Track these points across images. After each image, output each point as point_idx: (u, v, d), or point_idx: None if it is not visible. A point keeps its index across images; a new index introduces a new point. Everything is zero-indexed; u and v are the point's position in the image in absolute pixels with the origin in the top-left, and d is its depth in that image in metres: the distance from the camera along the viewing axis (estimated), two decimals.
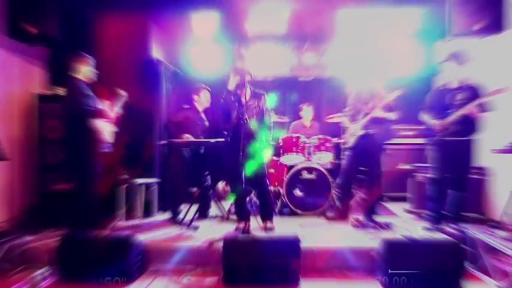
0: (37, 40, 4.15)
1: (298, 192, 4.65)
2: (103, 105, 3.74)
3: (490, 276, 2.97)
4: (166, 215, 4.51)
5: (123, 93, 3.89)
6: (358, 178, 4.13)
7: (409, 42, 5.33)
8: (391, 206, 5.09)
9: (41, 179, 4.36)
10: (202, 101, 4.51)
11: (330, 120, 5.02)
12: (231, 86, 3.69)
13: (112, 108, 3.81)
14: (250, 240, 3.06)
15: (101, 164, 3.76)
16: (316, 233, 3.75)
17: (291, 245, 2.94)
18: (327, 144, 4.83)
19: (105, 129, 3.76)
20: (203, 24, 5.23)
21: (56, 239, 3.11)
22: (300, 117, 5.50)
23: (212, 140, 4.16)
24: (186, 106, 4.58)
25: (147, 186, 4.60)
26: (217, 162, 4.86)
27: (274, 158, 4.91)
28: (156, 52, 5.01)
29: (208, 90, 4.54)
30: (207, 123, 4.57)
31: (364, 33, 5.22)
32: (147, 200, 4.59)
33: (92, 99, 3.62)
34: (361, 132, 3.94)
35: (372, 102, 3.90)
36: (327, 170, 4.73)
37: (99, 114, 3.66)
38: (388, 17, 5.07)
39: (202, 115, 4.58)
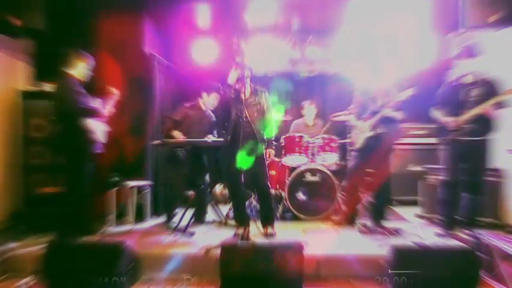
0: (21, 33, 4.15)
1: (301, 196, 4.65)
2: (95, 103, 3.75)
3: (506, 285, 2.97)
4: (160, 220, 4.52)
5: (115, 91, 3.90)
6: (366, 181, 4.13)
7: (420, 35, 5.33)
8: (401, 210, 5.09)
9: (25, 181, 4.36)
10: (209, 102, 4.48)
11: (335, 119, 5.03)
12: (232, 79, 3.69)
13: (104, 107, 3.82)
14: (249, 247, 3.05)
15: (91, 165, 3.76)
16: (320, 239, 3.75)
17: (294, 252, 2.93)
18: (332, 144, 4.84)
19: (97, 128, 3.77)
20: (200, 15, 5.22)
21: (42, 246, 3.10)
22: (302, 116, 5.49)
23: (209, 140, 4.16)
24: (188, 103, 4.55)
25: (140, 189, 4.60)
26: (215, 163, 4.86)
27: (276, 158, 4.91)
28: (150, 46, 5.01)
29: (220, 93, 4.34)
30: (212, 122, 4.56)
31: (372, 26, 5.22)
32: (139, 203, 4.60)
33: (84, 97, 3.63)
34: (370, 133, 3.94)
35: (381, 100, 3.90)
36: (332, 171, 4.73)
37: (92, 113, 3.67)
38: (398, 8, 5.07)
39: (208, 113, 4.56)
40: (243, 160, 3.58)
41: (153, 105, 4.93)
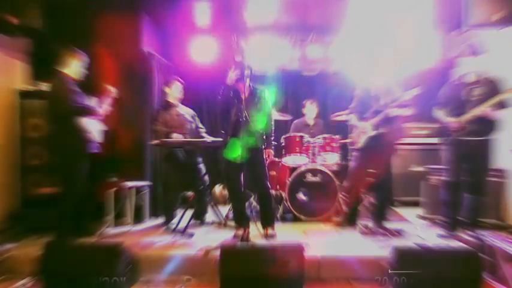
0: (18, 31, 4.15)
1: (301, 196, 4.65)
2: (91, 102, 3.75)
3: (509, 286, 2.97)
4: (159, 221, 4.52)
5: (112, 89, 3.90)
6: (367, 181, 4.14)
7: (422, 33, 5.33)
8: (403, 211, 5.10)
9: (22, 182, 4.36)
10: (174, 93, 4.48)
11: (337, 118, 5.03)
12: (230, 80, 3.69)
13: (101, 105, 3.82)
14: (249, 249, 3.06)
15: (88, 165, 3.76)
16: (321, 241, 3.75)
17: (294, 253, 2.94)
18: (333, 144, 4.84)
19: (94, 128, 3.77)
20: (199, 14, 5.22)
21: (39, 247, 3.11)
22: (302, 115, 5.50)
23: (209, 140, 4.16)
24: (160, 106, 4.56)
25: (138, 189, 4.61)
26: (215, 163, 4.86)
27: (276, 159, 4.91)
28: (148, 44, 5.01)
29: (180, 82, 4.52)
30: (187, 115, 4.54)
31: (374, 24, 5.22)
32: (137, 204, 4.60)
33: (79, 96, 3.63)
34: (372, 133, 3.94)
35: (384, 99, 3.90)
36: (333, 172, 4.74)
37: (87, 111, 3.68)
38: (400, 5, 5.07)
39: (182, 108, 4.55)
40: (243, 160, 3.58)
41: (152, 104, 4.93)
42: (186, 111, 4.56)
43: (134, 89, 4.74)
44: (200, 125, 4.61)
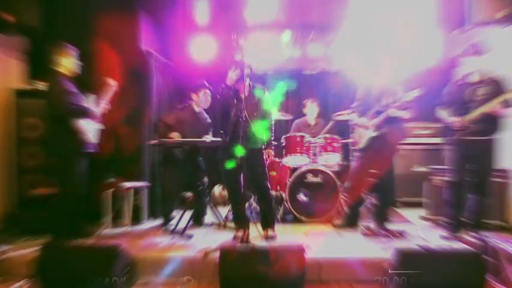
0: (15, 30, 4.15)
1: (302, 197, 4.66)
2: (88, 101, 3.74)
3: None
4: (157, 222, 4.52)
5: (112, 82, 3.87)
6: (369, 182, 4.13)
7: (425, 32, 5.33)
8: (405, 212, 5.10)
9: (18, 182, 4.36)
10: (201, 101, 4.48)
11: (338, 118, 5.03)
12: (230, 80, 3.69)
13: (99, 103, 3.80)
14: (249, 250, 3.06)
15: (85, 166, 3.76)
16: (322, 242, 3.75)
17: (295, 255, 2.94)
18: (334, 144, 4.84)
19: (90, 128, 3.76)
20: (198, 11, 5.23)
21: (36, 248, 3.11)
22: (303, 115, 5.49)
23: (208, 140, 4.16)
24: (180, 106, 4.56)
25: (136, 190, 4.61)
26: (214, 164, 4.86)
27: (276, 159, 4.91)
28: (146, 43, 5.01)
29: (209, 89, 4.49)
30: (208, 123, 4.54)
31: (376, 22, 5.22)
32: (135, 205, 4.60)
33: (75, 96, 3.62)
34: (374, 133, 3.94)
35: (386, 100, 3.90)
36: (334, 172, 4.74)
37: (83, 113, 3.66)
38: (402, 3, 5.07)
39: (202, 115, 4.56)
40: (243, 160, 3.58)
41: (150, 103, 4.93)
42: (204, 122, 4.51)
43: (133, 88, 4.74)
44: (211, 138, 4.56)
